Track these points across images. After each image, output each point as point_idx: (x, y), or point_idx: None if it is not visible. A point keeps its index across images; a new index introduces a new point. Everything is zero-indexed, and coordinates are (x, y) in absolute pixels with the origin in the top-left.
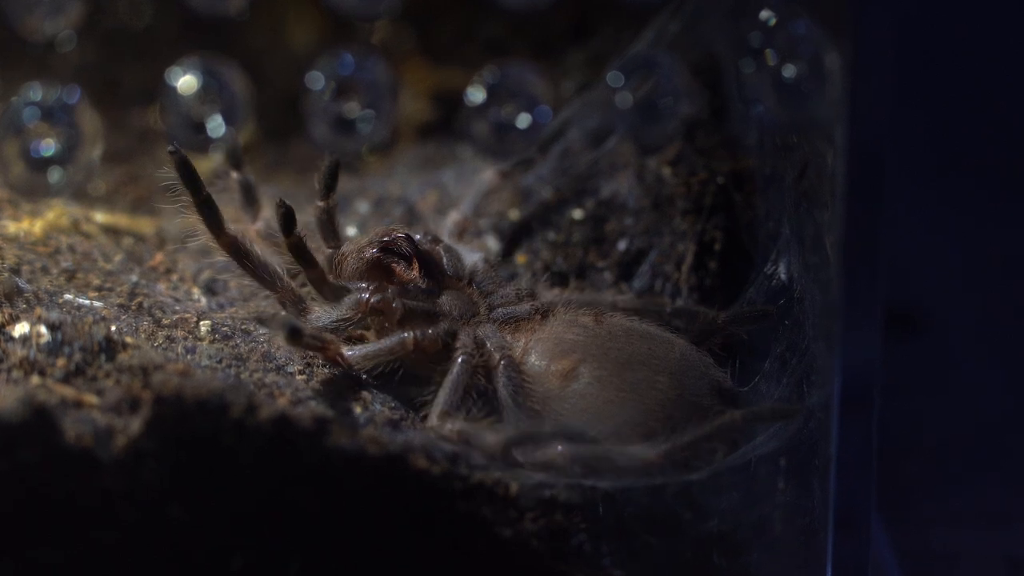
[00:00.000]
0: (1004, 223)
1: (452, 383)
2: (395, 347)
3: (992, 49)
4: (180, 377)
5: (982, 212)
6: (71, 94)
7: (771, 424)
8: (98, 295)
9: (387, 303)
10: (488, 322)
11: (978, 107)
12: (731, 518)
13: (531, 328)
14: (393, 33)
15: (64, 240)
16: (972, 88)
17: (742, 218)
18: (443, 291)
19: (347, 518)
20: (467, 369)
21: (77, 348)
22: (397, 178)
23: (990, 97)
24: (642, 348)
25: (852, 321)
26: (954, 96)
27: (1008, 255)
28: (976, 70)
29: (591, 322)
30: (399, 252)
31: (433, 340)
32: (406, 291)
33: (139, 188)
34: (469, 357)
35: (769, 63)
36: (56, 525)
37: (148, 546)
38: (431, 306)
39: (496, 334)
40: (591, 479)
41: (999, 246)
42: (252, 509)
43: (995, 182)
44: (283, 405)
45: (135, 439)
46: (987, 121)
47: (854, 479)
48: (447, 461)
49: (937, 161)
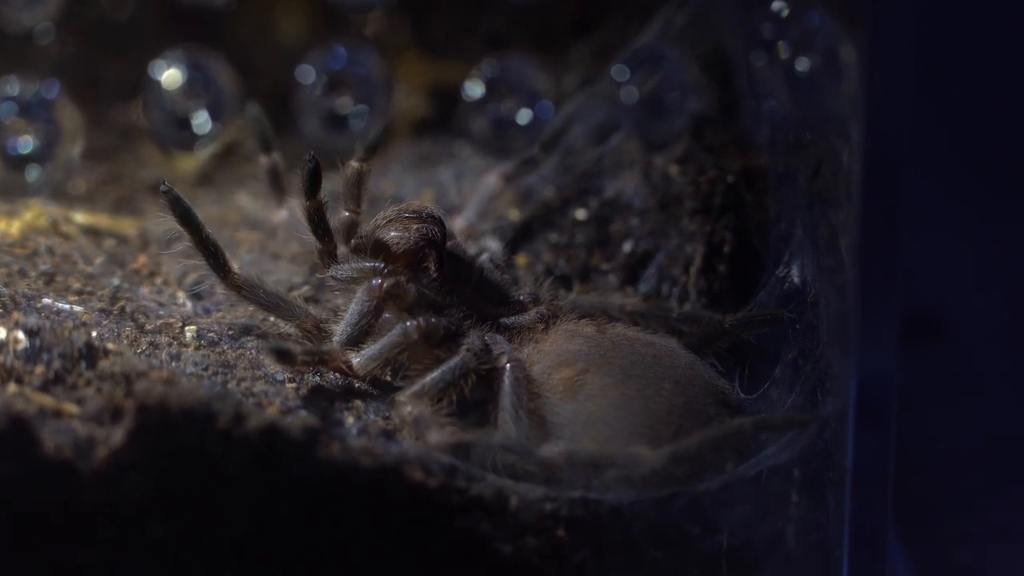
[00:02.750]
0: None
1: (442, 373)
2: (398, 339)
3: (1019, 40)
4: (164, 385)
5: (1006, 213)
6: (50, 89)
7: (783, 433)
8: (78, 299)
9: (401, 288)
10: (494, 329)
11: (1002, 102)
12: (742, 533)
13: (535, 337)
14: (388, 25)
15: (42, 241)
16: (995, 82)
17: (753, 219)
18: (455, 288)
19: (339, 534)
20: (463, 366)
21: (56, 355)
22: (391, 177)
23: (1015, 91)
24: (646, 357)
25: (869, 327)
26: (976, 90)
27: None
28: (1000, 63)
29: (594, 332)
30: (433, 240)
31: (436, 330)
32: (419, 279)
33: (121, 187)
34: (472, 356)
35: (781, 56)
36: (33, 542)
37: (130, 565)
38: (443, 299)
39: (504, 340)
40: (593, 487)
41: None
42: (239, 524)
43: (1020, 181)
44: (272, 415)
45: (117, 451)
46: (1012, 117)
47: (870, 493)
48: (444, 474)
49: (958, 159)
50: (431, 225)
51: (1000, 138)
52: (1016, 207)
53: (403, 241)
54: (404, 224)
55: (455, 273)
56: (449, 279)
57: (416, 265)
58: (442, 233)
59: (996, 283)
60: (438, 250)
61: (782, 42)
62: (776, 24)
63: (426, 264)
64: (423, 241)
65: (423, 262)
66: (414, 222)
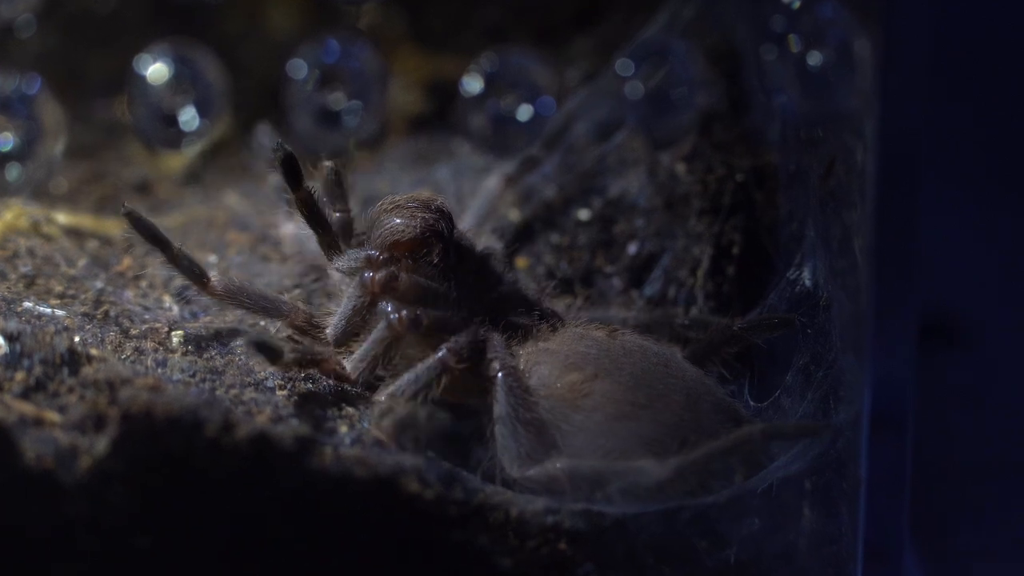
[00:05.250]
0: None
1: (416, 373)
2: (384, 333)
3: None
4: (150, 393)
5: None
6: (31, 84)
7: (794, 443)
8: (60, 303)
9: (397, 280)
10: (494, 328)
11: (1021, 97)
12: (751, 547)
13: (540, 337)
14: (382, 17)
15: (23, 243)
16: (1015, 76)
17: (763, 219)
18: (454, 279)
19: (332, 547)
20: (439, 366)
21: (37, 361)
22: (386, 175)
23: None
24: (657, 367)
25: (884, 332)
26: (997, 83)
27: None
28: (1020, 56)
29: (604, 336)
30: (439, 232)
31: (421, 322)
32: (417, 269)
33: (105, 186)
34: (451, 355)
35: (793, 50)
36: (12, 556)
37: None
38: (446, 291)
39: (501, 343)
40: (598, 499)
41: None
42: (228, 537)
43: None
44: (262, 423)
45: (101, 460)
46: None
47: (886, 504)
48: (441, 484)
49: (976, 156)
50: (438, 217)
51: (1021, 132)
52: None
53: (408, 230)
54: (411, 213)
55: (460, 266)
56: (454, 272)
57: (419, 256)
58: (449, 227)
59: (1017, 285)
60: (444, 243)
61: (793, 35)
62: (787, 16)
63: (430, 256)
64: (428, 232)
65: (427, 253)
66: (420, 211)
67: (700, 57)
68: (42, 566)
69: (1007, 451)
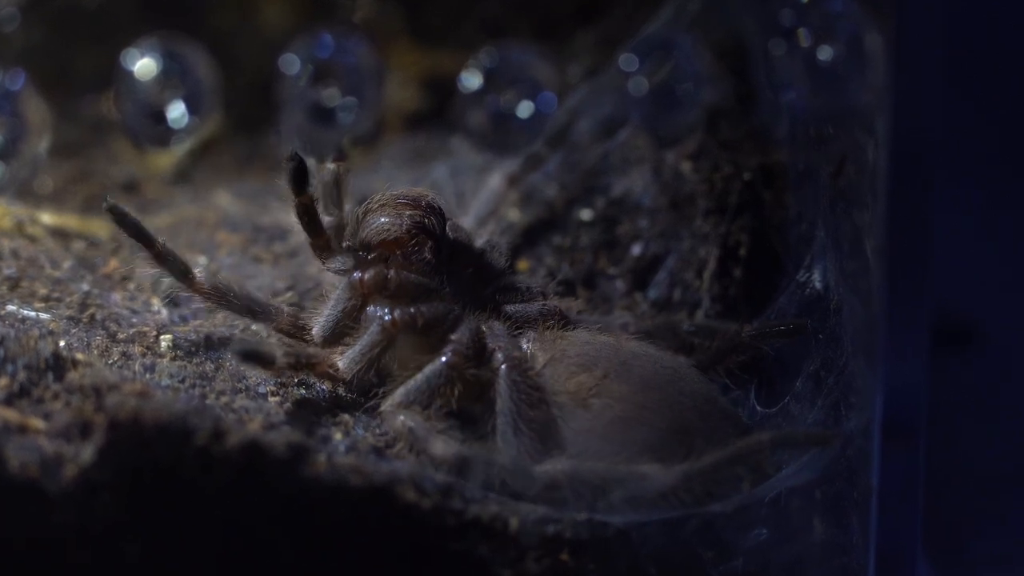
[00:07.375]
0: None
1: (424, 378)
2: (377, 336)
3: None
4: (138, 399)
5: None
6: (15, 79)
7: (803, 450)
8: (45, 306)
9: (383, 277)
10: (496, 318)
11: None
12: (759, 558)
13: (546, 333)
14: (378, 10)
15: (6, 244)
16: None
17: (771, 219)
18: (449, 274)
19: (326, 558)
20: (448, 368)
21: (21, 366)
22: (382, 173)
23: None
24: (665, 371)
25: (896, 335)
26: (1011, 81)
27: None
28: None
29: (612, 338)
30: (429, 230)
31: (415, 320)
32: (409, 265)
33: (91, 185)
34: (458, 356)
35: (802, 44)
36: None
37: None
38: (432, 283)
39: (504, 334)
40: (600, 507)
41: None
42: (218, 548)
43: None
44: (254, 430)
45: (87, 469)
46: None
47: (898, 514)
48: (439, 493)
49: (991, 154)
50: (425, 212)
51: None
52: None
53: (395, 228)
54: (397, 210)
55: (455, 260)
56: (447, 267)
57: (410, 253)
58: (440, 222)
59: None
60: (434, 239)
61: (803, 29)
62: (796, 10)
63: (421, 252)
64: (416, 229)
65: (417, 249)
66: (407, 208)
67: (706, 52)
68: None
69: (1021, 457)
